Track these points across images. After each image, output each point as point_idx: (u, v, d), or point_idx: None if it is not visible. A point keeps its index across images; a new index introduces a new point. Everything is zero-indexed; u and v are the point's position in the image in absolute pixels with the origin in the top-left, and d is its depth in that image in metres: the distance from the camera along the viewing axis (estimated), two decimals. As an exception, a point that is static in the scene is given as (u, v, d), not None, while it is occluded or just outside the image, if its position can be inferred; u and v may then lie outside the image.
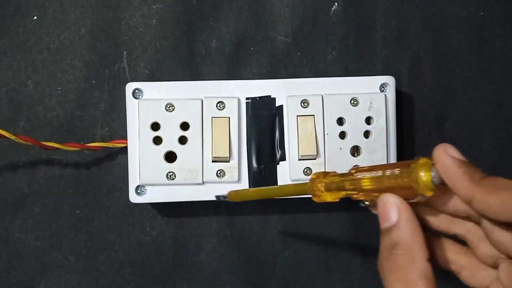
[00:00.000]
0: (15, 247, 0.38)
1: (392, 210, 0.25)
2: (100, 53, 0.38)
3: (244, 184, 0.36)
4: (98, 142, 0.37)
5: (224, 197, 0.34)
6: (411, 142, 0.40)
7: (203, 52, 0.39)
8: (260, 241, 0.40)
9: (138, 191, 0.36)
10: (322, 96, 0.36)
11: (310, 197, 0.38)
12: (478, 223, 0.25)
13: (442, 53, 0.40)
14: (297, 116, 0.36)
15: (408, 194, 0.25)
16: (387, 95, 0.37)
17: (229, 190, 0.34)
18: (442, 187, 0.24)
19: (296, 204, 0.39)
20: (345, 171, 0.36)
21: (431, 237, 0.27)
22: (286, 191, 0.31)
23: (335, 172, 0.29)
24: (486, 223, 0.24)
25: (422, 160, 0.24)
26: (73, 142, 0.37)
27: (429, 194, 0.24)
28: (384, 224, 0.25)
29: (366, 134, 0.37)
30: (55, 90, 0.38)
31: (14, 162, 0.38)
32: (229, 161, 0.36)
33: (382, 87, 0.37)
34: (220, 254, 0.40)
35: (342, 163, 0.36)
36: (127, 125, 0.36)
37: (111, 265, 0.39)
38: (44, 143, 0.35)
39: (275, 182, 0.37)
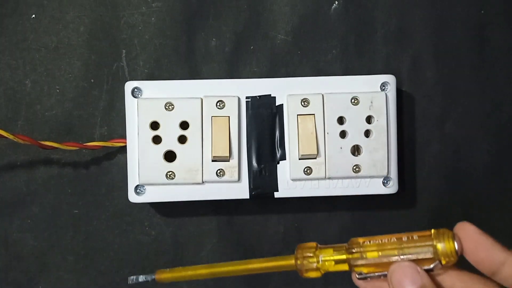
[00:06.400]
0: (14, 247, 0.38)
1: (415, 275, 0.25)
2: (99, 52, 0.38)
3: (244, 184, 0.36)
4: (97, 141, 0.37)
5: (146, 279, 0.29)
6: (411, 141, 0.40)
7: (203, 50, 0.39)
8: (260, 241, 0.40)
9: (137, 190, 0.36)
10: (323, 95, 0.36)
11: (310, 197, 0.38)
12: None
13: (443, 52, 0.40)
14: (298, 115, 0.36)
15: (420, 264, 0.26)
16: (387, 94, 0.37)
17: (159, 270, 0.29)
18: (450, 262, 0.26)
19: (296, 204, 0.39)
20: (346, 170, 0.37)
21: None
22: (258, 266, 0.29)
23: (315, 244, 0.28)
24: None
25: (442, 230, 0.26)
26: (72, 142, 0.37)
27: (451, 261, 0.26)
28: None
29: (367, 133, 0.36)
30: (54, 89, 0.38)
31: (13, 162, 0.38)
32: (229, 161, 0.36)
33: (383, 86, 0.37)
34: (220, 254, 0.39)
35: (342, 162, 0.36)
36: (126, 124, 0.36)
37: (110, 265, 0.39)
38: (43, 142, 0.35)
39: (275, 181, 0.36)
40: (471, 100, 0.40)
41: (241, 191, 0.36)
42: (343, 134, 0.36)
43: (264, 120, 0.36)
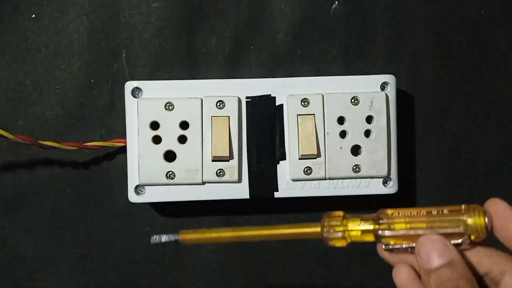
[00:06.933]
0: (14, 247, 0.38)
1: (444, 248, 0.25)
2: (99, 52, 0.38)
3: (244, 184, 0.36)
4: (97, 141, 0.37)
5: (169, 239, 0.29)
6: (411, 141, 0.40)
7: (203, 50, 0.39)
8: (260, 241, 0.39)
9: (137, 190, 0.36)
10: (323, 95, 0.36)
11: (310, 197, 0.38)
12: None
13: (443, 52, 0.40)
14: (298, 115, 0.36)
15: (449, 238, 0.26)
16: (388, 94, 0.37)
17: (182, 230, 0.29)
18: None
19: (296, 204, 0.39)
20: (346, 170, 0.37)
21: None
22: (283, 232, 0.28)
23: (343, 213, 0.28)
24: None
25: (473, 205, 0.26)
26: (72, 142, 0.37)
27: (480, 237, 0.25)
28: (434, 263, 0.25)
29: (367, 133, 0.36)
30: (54, 89, 0.38)
31: (13, 162, 0.38)
32: (229, 161, 0.36)
33: (383, 86, 0.37)
34: (220, 254, 0.39)
35: (342, 162, 0.36)
36: (126, 124, 0.36)
37: (110, 265, 0.39)
38: (43, 142, 0.35)
39: (275, 181, 0.36)
40: (471, 100, 0.40)
41: (241, 191, 0.36)
42: (343, 134, 0.36)
43: (264, 120, 0.36)
